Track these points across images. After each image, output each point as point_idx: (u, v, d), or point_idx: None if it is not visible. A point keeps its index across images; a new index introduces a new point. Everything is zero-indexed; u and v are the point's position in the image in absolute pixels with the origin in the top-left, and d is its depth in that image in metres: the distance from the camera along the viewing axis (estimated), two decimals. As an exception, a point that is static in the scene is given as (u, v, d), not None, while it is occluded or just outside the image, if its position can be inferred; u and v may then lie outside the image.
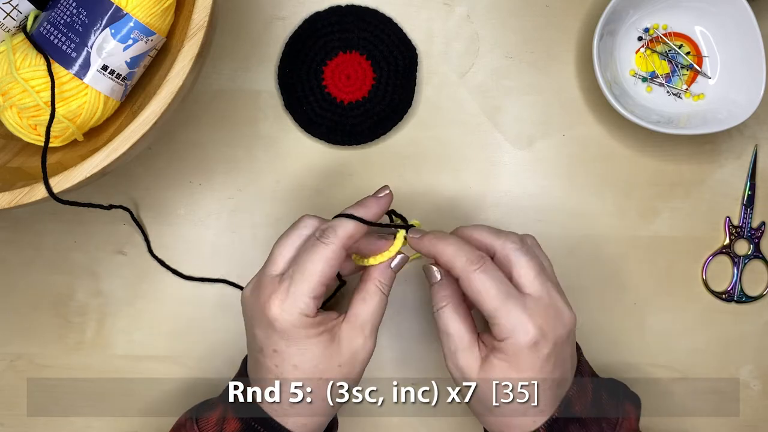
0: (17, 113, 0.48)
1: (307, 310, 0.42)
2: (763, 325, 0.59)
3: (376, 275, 0.45)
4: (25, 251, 0.58)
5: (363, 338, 0.44)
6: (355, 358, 0.44)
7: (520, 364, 0.42)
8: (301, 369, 0.43)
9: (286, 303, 0.42)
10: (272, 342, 0.43)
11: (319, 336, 0.43)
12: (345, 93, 0.58)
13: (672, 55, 0.59)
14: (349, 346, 0.44)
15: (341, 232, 0.43)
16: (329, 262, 0.43)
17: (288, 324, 0.42)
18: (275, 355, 0.43)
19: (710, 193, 0.59)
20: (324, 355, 0.43)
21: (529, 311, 0.42)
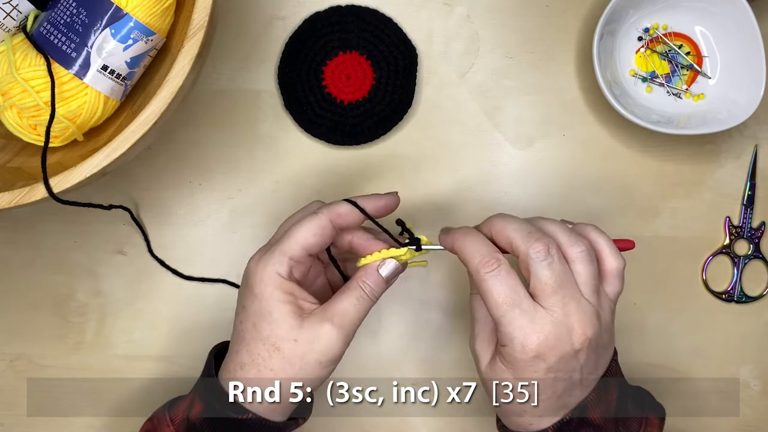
0: (17, 113, 0.48)
1: (279, 268, 0.43)
2: (763, 325, 0.59)
3: (362, 274, 0.45)
4: (25, 251, 0.58)
5: (329, 327, 0.42)
6: (314, 341, 0.42)
7: (518, 372, 0.42)
8: (258, 330, 0.43)
9: (263, 258, 0.43)
10: (243, 297, 0.44)
11: (285, 303, 0.43)
12: (345, 93, 0.58)
13: (672, 55, 0.59)
14: (312, 328, 0.43)
15: (333, 207, 0.45)
16: (312, 229, 0.44)
17: (258, 278, 0.43)
18: (242, 311, 0.44)
19: (710, 193, 0.59)
20: (283, 322, 0.42)
21: (534, 325, 0.41)
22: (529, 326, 0.41)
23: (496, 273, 0.42)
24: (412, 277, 0.57)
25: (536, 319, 0.41)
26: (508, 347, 0.42)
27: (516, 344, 0.41)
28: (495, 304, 0.42)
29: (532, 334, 0.41)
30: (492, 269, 0.42)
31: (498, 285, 0.42)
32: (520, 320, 0.41)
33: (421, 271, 0.57)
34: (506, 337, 0.41)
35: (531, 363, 0.41)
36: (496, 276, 0.42)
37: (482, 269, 0.42)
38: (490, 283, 0.42)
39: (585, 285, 0.43)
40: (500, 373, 0.43)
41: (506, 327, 0.41)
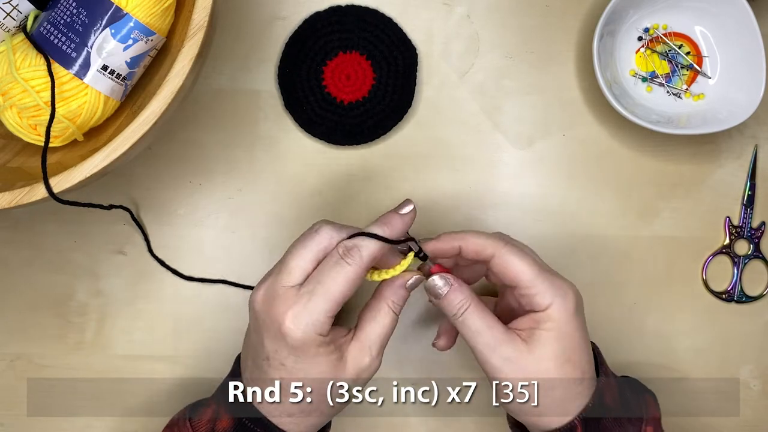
0: (17, 113, 0.48)
1: (322, 329, 0.41)
2: (763, 325, 0.59)
3: (389, 294, 0.45)
4: (25, 251, 0.58)
5: (370, 358, 0.44)
6: (359, 376, 0.44)
7: (569, 328, 0.43)
8: (307, 372, 0.43)
9: (303, 320, 0.41)
10: (281, 356, 0.42)
11: (329, 355, 0.42)
12: (345, 93, 0.58)
13: (672, 55, 0.59)
14: (355, 365, 0.43)
15: (366, 252, 0.42)
16: (351, 284, 0.42)
17: (301, 341, 0.41)
18: (282, 368, 0.42)
19: (710, 193, 0.59)
20: (330, 373, 0.43)
21: (563, 281, 0.44)
22: (560, 280, 0.44)
23: (512, 245, 0.44)
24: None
25: (557, 276, 0.44)
26: (555, 304, 0.43)
27: (561, 296, 0.43)
28: (528, 268, 0.43)
29: (568, 286, 0.44)
30: (508, 243, 0.45)
31: (522, 255, 0.44)
32: (552, 277, 0.44)
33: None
34: (548, 295, 0.43)
35: (577, 312, 0.44)
36: (515, 248, 0.44)
37: (503, 245, 0.44)
38: (516, 252, 0.44)
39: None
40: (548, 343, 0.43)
41: (544, 286, 0.43)
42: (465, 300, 0.44)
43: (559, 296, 0.43)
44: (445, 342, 0.50)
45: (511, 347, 0.43)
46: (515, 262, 0.44)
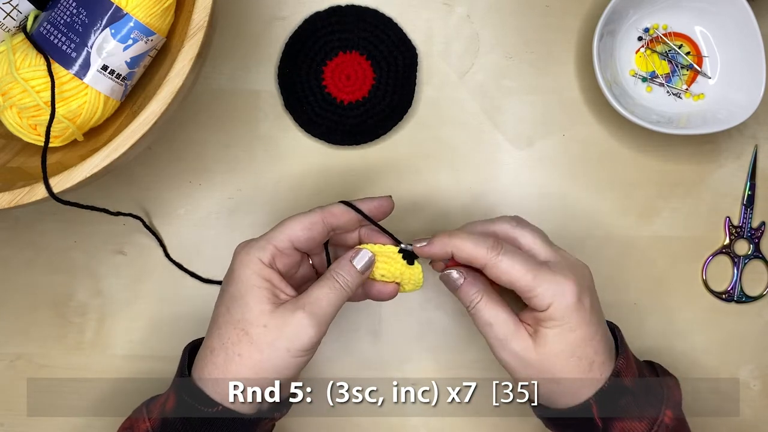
0: (17, 113, 0.48)
1: (262, 255, 0.44)
2: (763, 325, 0.59)
3: (335, 265, 0.46)
4: (25, 251, 0.58)
5: (301, 314, 0.43)
6: (283, 329, 0.42)
7: (572, 324, 0.43)
8: (231, 312, 0.43)
9: (249, 244, 0.45)
10: (224, 281, 0.45)
11: (261, 289, 0.43)
12: (345, 93, 0.58)
13: (672, 55, 0.59)
14: (283, 315, 0.43)
15: (326, 207, 0.46)
16: (302, 223, 0.45)
17: (239, 261, 0.44)
18: (220, 295, 0.45)
19: (710, 193, 0.59)
20: (255, 306, 0.43)
21: (559, 272, 0.44)
22: (557, 275, 0.43)
23: (504, 251, 0.44)
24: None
25: (556, 271, 0.44)
26: (555, 302, 0.43)
27: (559, 297, 0.43)
28: (521, 274, 0.43)
29: (565, 280, 0.43)
30: (500, 249, 0.44)
31: (514, 257, 0.44)
32: (549, 275, 0.43)
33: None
34: (546, 295, 0.43)
35: (579, 305, 0.43)
36: (507, 253, 0.44)
37: (494, 253, 0.44)
38: (508, 259, 0.43)
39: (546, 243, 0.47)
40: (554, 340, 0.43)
41: (541, 287, 0.43)
42: (477, 293, 0.45)
43: (558, 294, 0.43)
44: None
45: (518, 343, 0.44)
46: (507, 270, 0.43)
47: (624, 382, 0.45)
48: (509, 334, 0.44)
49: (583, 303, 0.44)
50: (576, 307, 0.43)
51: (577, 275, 0.44)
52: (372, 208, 0.47)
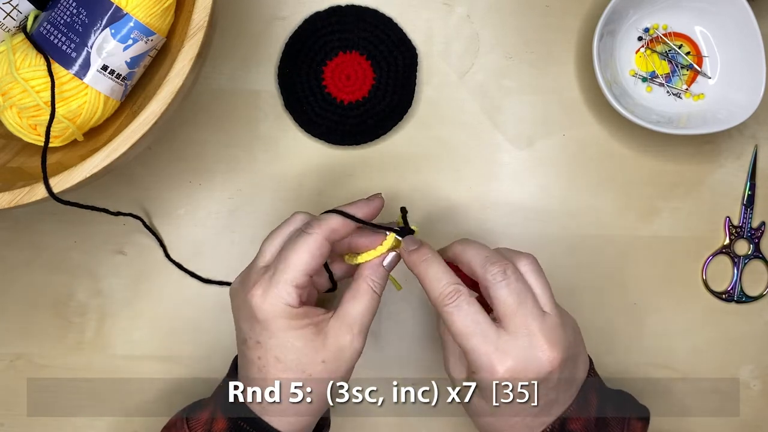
0: (17, 113, 0.48)
1: (289, 299, 0.42)
2: (763, 325, 0.59)
3: (368, 273, 0.45)
4: (25, 251, 0.58)
5: (351, 336, 0.43)
6: (340, 355, 0.43)
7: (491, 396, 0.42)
8: (283, 362, 0.42)
9: (269, 292, 0.42)
10: (255, 333, 0.43)
11: (303, 328, 0.42)
12: (345, 93, 0.58)
13: (672, 55, 0.59)
14: (335, 343, 0.43)
15: (324, 223, 0.44)
16: (311, 251, 0.43)
17: (270, 314, 0.42)
18: (258, 346, 0.43)
19: (710, 193, 0.59)
20: (307, 348, 0.42)
21: (500, 352, 0.41)
22: (494, 354, 0.41)
23: (456, 304, 0.42)
24: (412, 276, 0.57)
25: (501, 345, 0.41)
26: (477, 374, 0.42)
27: (484, 373, 0.41)
28: (458, 335, 0.42)
29: (499, 362, 0.41)
30: (451, 301, 0.42)
31: (458, 316, 0.42)
32: (485, 348, 0.41)
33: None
34: (473, 365, 0.42)
35: (501, 387, 0.41)
36: (456, 307, 0.42)
37: (442, 302, 0.42)
38: (452, 315, 0.42)
39: (542, 296, 0.43)
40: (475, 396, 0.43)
41: (472, 355, 0.41)
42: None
43: (484, 371, 0.41)
44: None
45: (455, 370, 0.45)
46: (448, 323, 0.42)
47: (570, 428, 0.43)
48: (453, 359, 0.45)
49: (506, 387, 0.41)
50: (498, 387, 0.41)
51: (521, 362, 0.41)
52: (368, 212, 0.46)
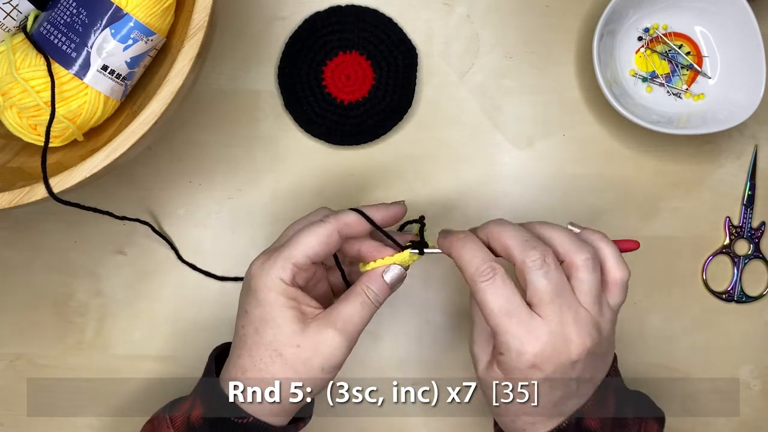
0: (17, 113, 0.48)
1: (282, 274, 0.42)
2: (763, 325, 0.59)
3: (365, 279, 0.45)
4: (25, 251, 0.58)
5: (333, 332, 0.42)
6: (317, 348, 0.42)
7: (516, 379, 0.42)
8: (261, 335, 0.43)
9: (267, 263, 0.43)
10: (246, 302, 0.44)
11: (289, 309, 0.42)
12: (345, 93, 0.58)
13: (672, 55, 0.59)
14: (315, 334, 0.42)
15: (340, 216, 0.44)
16: (318, 237, 0.43)
17: (261, 283, 0.43)
18: (244, 315, 0.44)
19: (710, 193, 0.59)
20: (286, 328, 0.42)
21: (530, 335, 0.40)
22: (525, 336, 0.40)
23: (491, 282, 0.41)
24: (412, 276, 0.57)
25: (532, 328, 0.40)
26: (505, 356, 0.41)
27: (512, 353, 0.41)
28: (490, 314, 0.41)
29: (528, 344, 0.40)
30: (487, 278, 0.41)
31: (493, 294, 0.41)
32: (516, 330, 0.41)
33: (422, 271, 0.57)
34: (503, 345, 0.41)
35: (527, 372, 0.41)
36: (491, 285, 0.41)
37: (478, 278, 0.42)
38: (486, 293, 0.41)
39: (586, 294, 0.42)
40: (497, 377, 0.43)
41: (502, 336, 0.41)
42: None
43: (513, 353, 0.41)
44: None
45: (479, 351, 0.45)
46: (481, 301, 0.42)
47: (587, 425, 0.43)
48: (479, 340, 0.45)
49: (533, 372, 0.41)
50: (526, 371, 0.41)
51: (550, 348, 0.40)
52: (387, 216, 0.46)
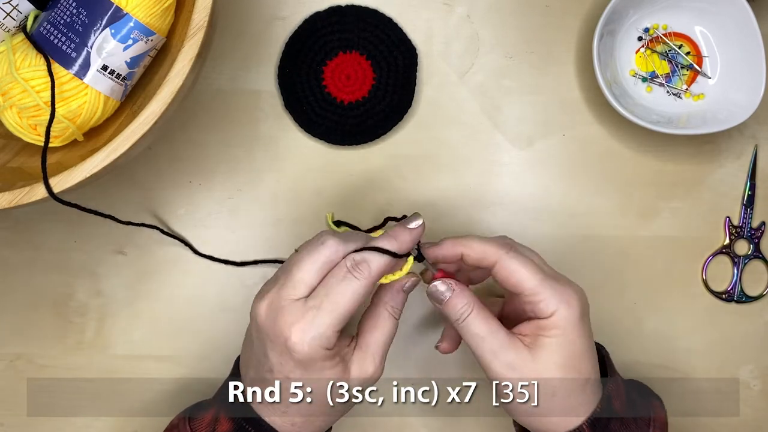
0: (17, 113, 0.48)
1: (328, 344, 0.41)
2: (763, 325, 0.59)
3: (388, 299, 0.44)
4: (25, 251, 0.58)
5: (374, 367, 0.43)
6: (364, 385, 0.43)
7: (573, 336, 0.43)
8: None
9: (309, 334, 0.40)
10: (286, 369, 0.42)
11: (334, 367, 0.42)
12: (345, 93, 0.58)
13: (672, 55, 0.59)
14: (359, 374, 0.43)
15: (374, 266, 0.42)
16: (359, 298, 0.42)
17: (308, 356, 0.41)
18: (286, 380, 0.42)
19: (710, 193, 0.59)
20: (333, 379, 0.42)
21: (566, 284, 0.44)
22: (565, 286, 0.43)
23: (515, 254, 0.44)
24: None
25: (560, 285, 0.43)
26: (559, 310, 0.42)
27: (565, 304, 0.42)
28: (530, 275, 0.43)
29: (573, 292, 0.43)
30: (511, 248, 0.44)
31: (525, 259, 0.43)
32: (556, 284, 0.43)
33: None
34: (552, 302, 0.42)
35: (582, 319, 0.43)
36: (517, 255, 0.44)
37: (504, 250, 0.44)
38: (519, 259, 0.43)
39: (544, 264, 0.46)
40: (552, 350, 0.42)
41: (547, 293, 0.42)
42: (467, 305, 0.44)
43: (564, 303, 0.42)
44: (448, 345, 0.50)
45: (513, 353, 0.43)
46: (518, 269, 0.43)
47: (614, 406, 0.44)
48: (503, 344, 0.43)
49: (584, 319, 0.43)
50: (580, 317, 0.43)
51: (580, 292, 0.44)
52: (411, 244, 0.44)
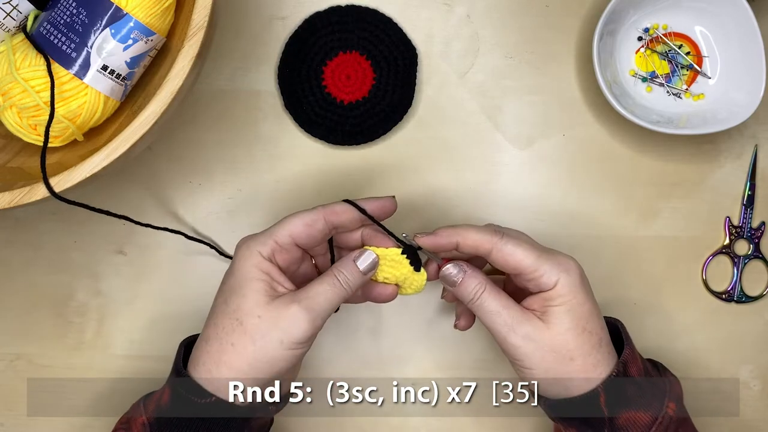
0: (17, 113, 0.48)
1: (262, 249, 0.44)
2: (763, 325, 0.59)
3: (338, 263, 0.46)
4: (25, 251, 0.58)
5: (296, 307, 0.43)
6: (277, 320, 0.43)
7: (580, 298, 0.45)
8: (227, 303, 0.44)
9: (249, 240, 0.46)
10: (225, 276, 0.46)
11: (259, 281, 0.44)
12: (345, 93, 0.58)
13: (672, 55, 0.59)
14: (278, 307, 0.43)
15: (329, 205, 0.46)
16: (303, 219, 0.45)
17: (240, 255, 0.45)
18: (220, 288, 0.46)
19: (710, 193, 0.59)
20: (251, 300, 0.43)
21: (559, 254, 0.46)
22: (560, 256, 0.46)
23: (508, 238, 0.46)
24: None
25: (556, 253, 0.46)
26: (561, 278, 0.44)
27: (566, 271, 0.45)
28: (527, 254, 0.45)
29: (567, 259, 0.46)
30: (503, 234, 0.46)
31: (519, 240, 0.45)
32: (553, 255, 0.45)
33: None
34: (553, 272, 0.44)
35: (584, 281, 0.46)
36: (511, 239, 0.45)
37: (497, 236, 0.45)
38: (513, 242, 0.45)
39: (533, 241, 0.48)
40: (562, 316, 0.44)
41: (547, 265, 0.44)
42: (480, 284, 0.46)
43: (564, 272, 0.45)
44: (465, 322, 0.51)
45: (528, 325, 0.45)
46: (514, 251, 0.45)
47: (630, 372, 0.45)
48: (518, 318, 0.45)
49: (585, 283, 0.46)
50: (581, 282, 0.45)
51: (574, 260, 0.46)
52: (375, 207, 0.47)
